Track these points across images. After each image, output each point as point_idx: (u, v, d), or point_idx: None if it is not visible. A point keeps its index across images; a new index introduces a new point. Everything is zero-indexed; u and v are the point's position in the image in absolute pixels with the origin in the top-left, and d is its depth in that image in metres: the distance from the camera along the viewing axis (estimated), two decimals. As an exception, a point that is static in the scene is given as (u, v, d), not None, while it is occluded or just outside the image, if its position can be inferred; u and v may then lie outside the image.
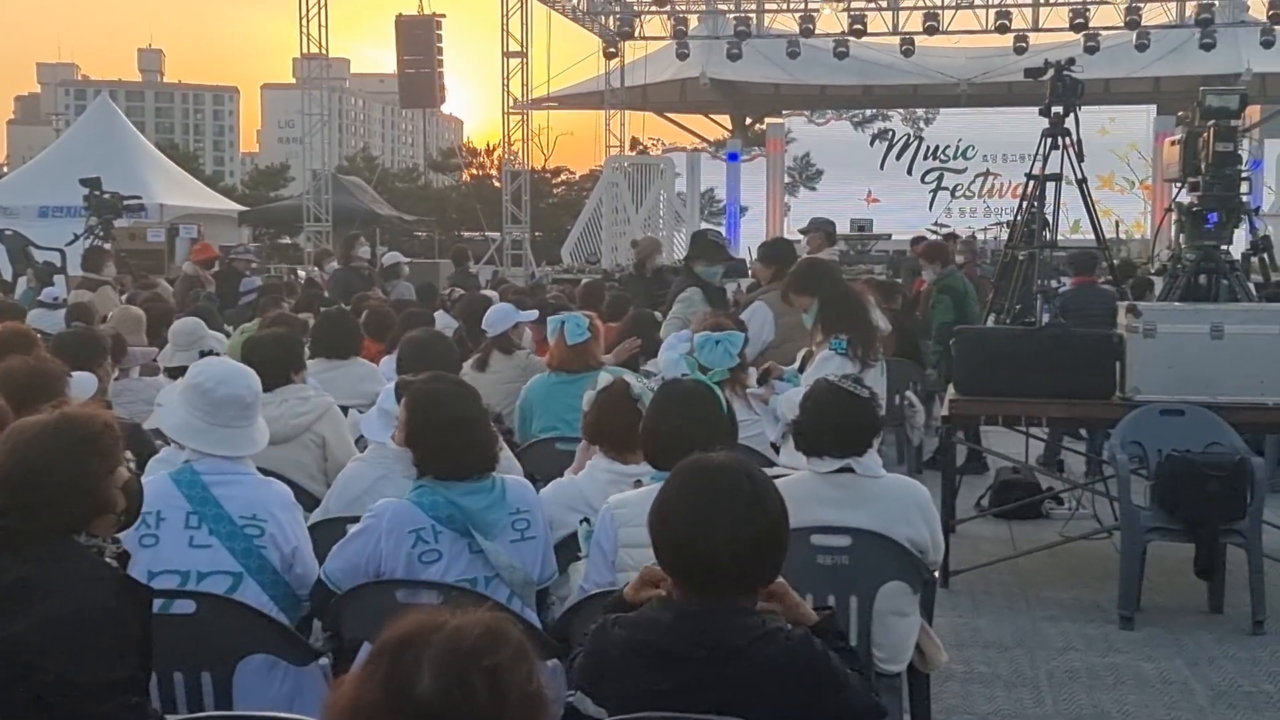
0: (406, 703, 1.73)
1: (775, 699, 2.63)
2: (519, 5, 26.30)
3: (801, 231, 11.35)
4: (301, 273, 20.36)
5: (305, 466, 5.55)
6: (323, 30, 26.43)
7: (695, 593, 2.71)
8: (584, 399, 4.62)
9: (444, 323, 11.03)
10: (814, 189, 33.75)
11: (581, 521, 4.06)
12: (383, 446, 4.60)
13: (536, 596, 4.03)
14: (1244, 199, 7.89)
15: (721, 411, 4.08)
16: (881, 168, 33.39)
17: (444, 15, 26.89)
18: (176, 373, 6.04)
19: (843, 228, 26.98)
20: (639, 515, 2.93)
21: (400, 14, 27.17)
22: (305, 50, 26.87)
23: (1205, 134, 7.75)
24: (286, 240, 38.48)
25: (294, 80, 32.17)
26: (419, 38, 26.73)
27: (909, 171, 33.45)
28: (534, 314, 7.84)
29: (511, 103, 27.24)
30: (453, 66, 31.09)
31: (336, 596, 3.77)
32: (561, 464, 4.94)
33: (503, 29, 26.61)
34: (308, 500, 5.06)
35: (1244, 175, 7.83)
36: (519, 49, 26.79)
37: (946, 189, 33.28)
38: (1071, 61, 8.88)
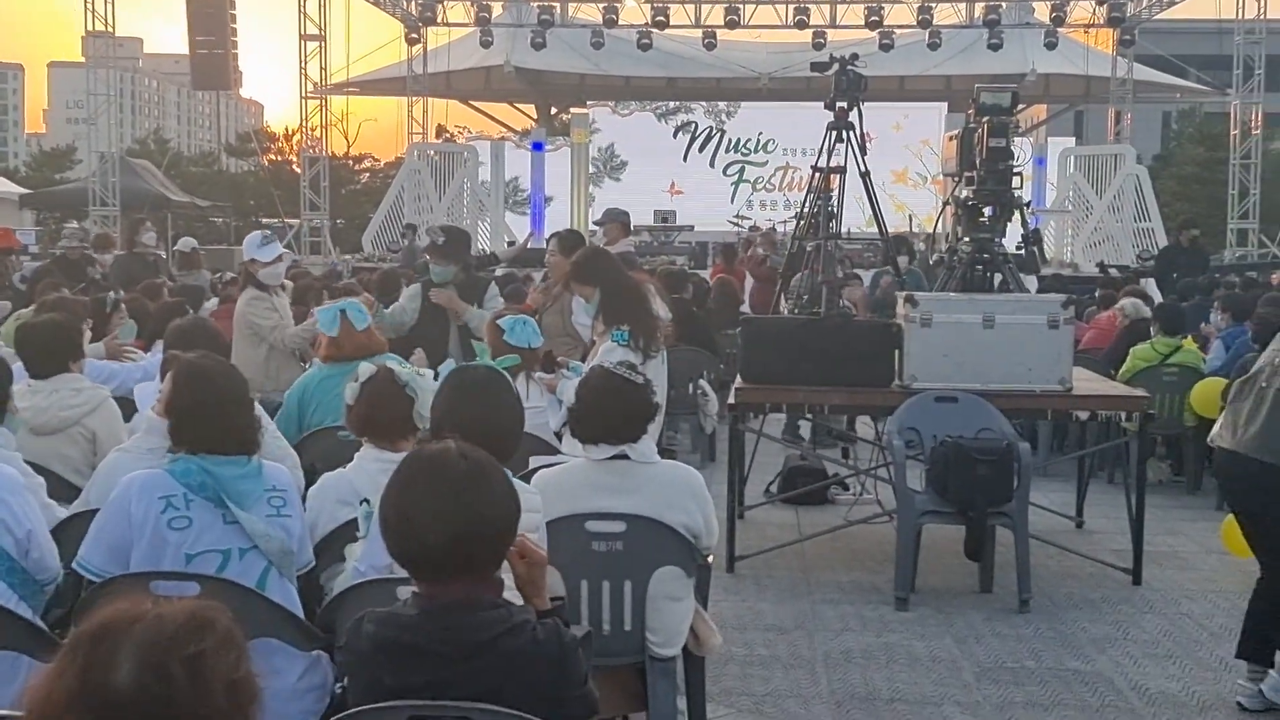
0: (102, 694, 1.67)
1: (522, 691, 2.62)
2: (317, -13, 25.84)
3: (597, 223, 11.36)
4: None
5: (70, 460, 5.36)
6: (110, 6, 25.51)
7: (422, 581, 2.70)
8: (346, 391, 4.54)
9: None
10: (618, 180, 33.89)
11: (362, 502, 3.99)
12: (147, 438, 4.47)
13: (310, 589, 3.96)
14: (1016, 193, 8.17)
15: (513, 397, 4.06)
16: (685, 159, 33.74)
17: (237, -6, 26.19)
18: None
19: (646, 219, 27.27)
20: None
21: (190, -9, 26.36)
22: (90, 27, 25.90)
23: (980, 130, 8.00)
24: (74, 224, 37.02)
25: (83, 59, 30.93)
26: (211, 17, 25.94)
27: (711, 164, 33.87)
28: (277, 250, 7.87)
29: (310, 87, 26.73)
30: (251, 49, 30.32)
31: (89, 588, 3.64)
32: (343, 454, 4.85)
33: (300, 11, 26.10)
34: (71, 494, 4.88)
35: (1016, 170, 8.10)
36: (317, 32, 26.33)
37: (748, 182, 33.80)
38: (855, 57, 9.07)
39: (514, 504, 2.79)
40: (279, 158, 46.80)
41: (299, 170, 29.35)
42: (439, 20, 28.80)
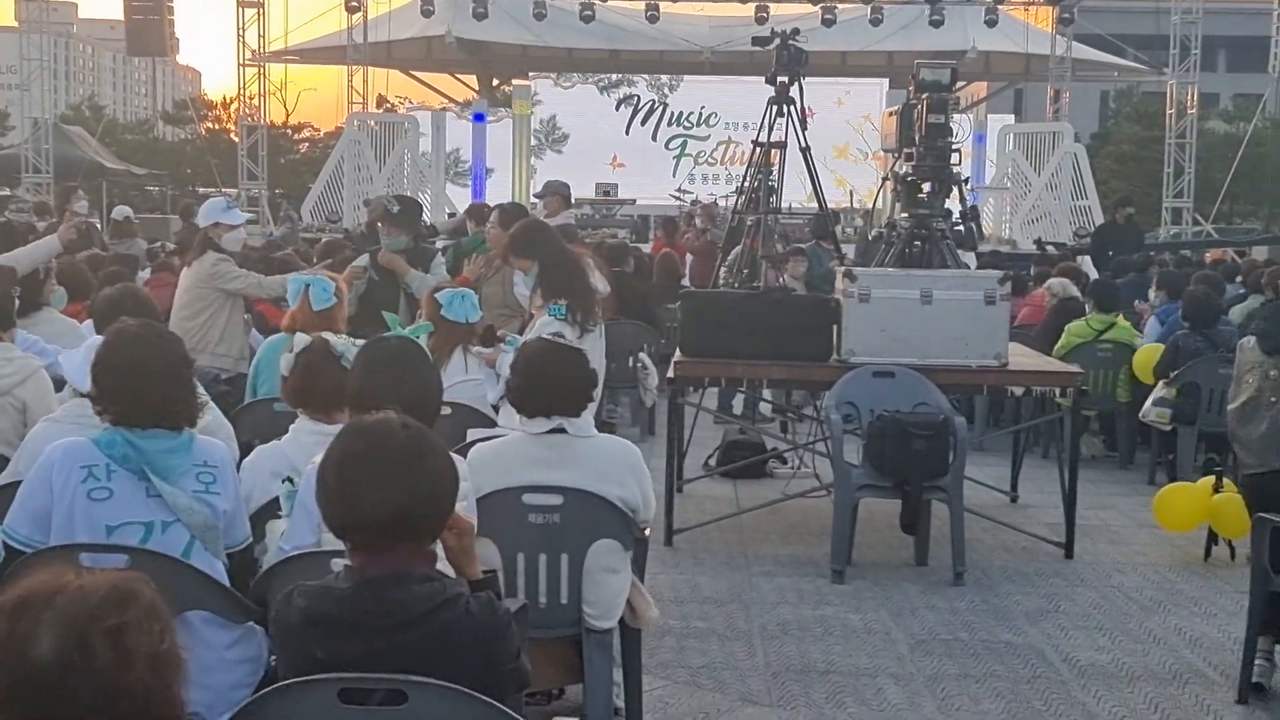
0: (22, 667, 1.65)
1: (455, 665, 2.61)
2: (256, -47, 25.49)
3: (537, 195, 11.32)
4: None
5: (1, 431, 5.27)
6: (43, -30, 25.05)
7: (359, 552, 2.68)
8: (282, 362, 4.50)
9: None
10: (560, 152, 33.76)
11: (284, 480, 3.96)
12: (76, 406, 4.41)
13: (244, 562, 3.92)
14: (955, 170, 8.20)
15: (429, 368, 4.04)
16: (627, 133, 33.64)
17: (174, -40, 25.77)
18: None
19: (588, 192, 27.20)
20: None
21: (127, -43, 25.92)
22: (24, -9, 25.46)
23: (920, 106, 8.03)
24: (6, 192, 36.43)
25: (16, 23, 30.37)
26: (146, -18, 25.56)
27: (654, 137, 33.79)
28: (241, 216, 8.14)
29: (248, 55, 26.40)
30: (189, 15, 29.86)
31: (17, 560, 3.58)
32: (280, 426, 4.81)
33: (238, -23, 25.79)
34: (0, 466, 4.81)
35: (955, 147, 8.13)
36: (256, -1, 25.99)
37: (690, 156, 33.77)
38: (796, 32, 9.08)
39: (453, 475, 2.79)
40: (216, 126, 46.20)
41: (237, 139, 28.98)
42: (379, -12, 28.54)
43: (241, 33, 26.14)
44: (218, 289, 7.76)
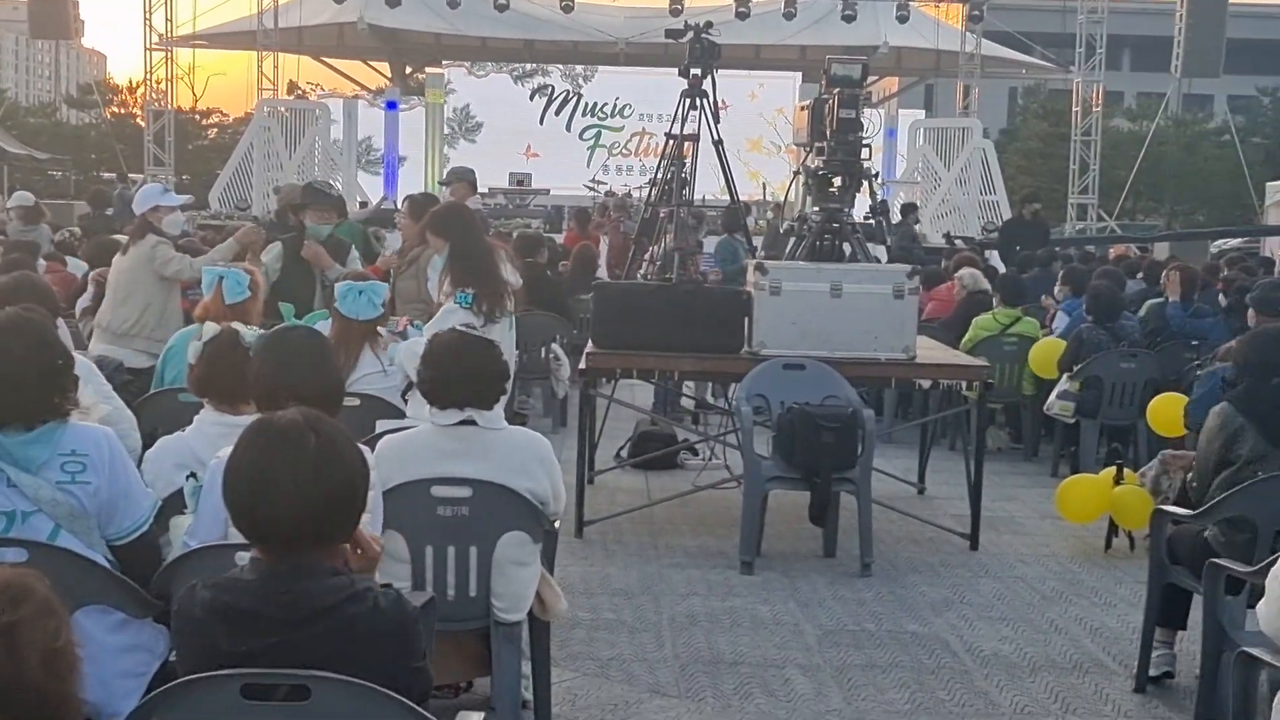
0: (-89, 668, 1.61)
1: (361, 660, 2.59)
2: (163, -65, 25.07)
3: (443, 182, 11.26)
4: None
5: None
6: (-58, -51, 24.44)
7: (269, 554, 2.66)
8: (189, 350, 4.44)
9: (75, 266, 10.45)
10: (474, 142, 33.57)
11: (188, 476, 3.90)
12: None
13: (144, 556, 3.85)
14: (865, 164, 8.29)
15: (330, 359, 4.01)
16: (541, 123, 33.52)
17: (79, -59, 25.24)
18: None
19: (501, 181, 27.09)
20: None
21: (30, -63, 25.37)
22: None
23: (831, 101, 8.10)
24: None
25: (-89, 2, 29.74)
26: (51, -38, 25.00)
27: (568, 128, 33.72)
28: (179, 199, 8.29)
29: (155, 38, 25.96)
30: (91, -2, 29.21)
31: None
32: (185, 416, 4.73)
33: (145, -40, 25.35)
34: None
35: (866, 142, 8.22)
36: (163, -18, 25.57)
37: (604, 146, 33.74)
38: (709, 25, 9.11)
39: (364, 475, 2.76)
40: (122, 111, 45.33)
41: (143, 124, 28.46)
42: (291, -26, 28.16)
43: (148, 16, 25.71)
44: (156, 273, 7.70)
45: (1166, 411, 7.68)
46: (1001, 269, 14.17)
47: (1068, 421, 9.43)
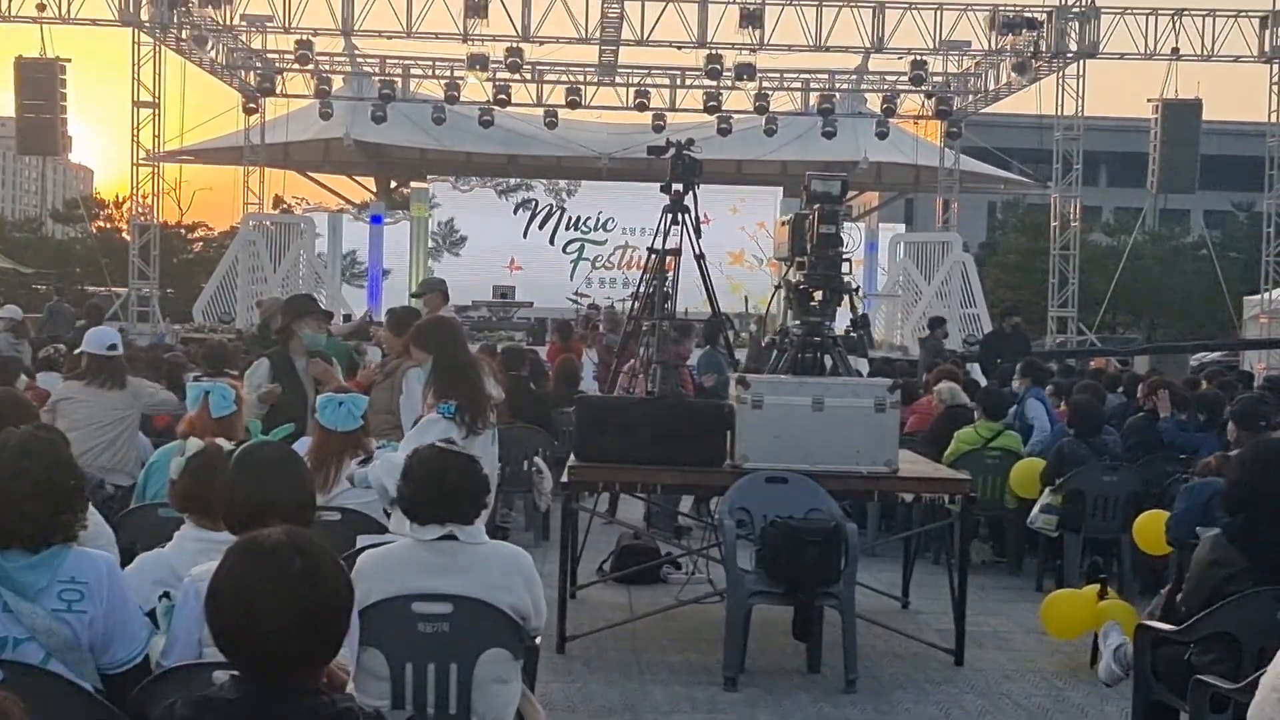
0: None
1: None
2: (151, 54, 25.36)
3: (414, 294, 11.34)
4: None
5: None
6: (-68, 67, 24.72)
7: (250, 675, 2.62)
8: (172, 465, 4.43)
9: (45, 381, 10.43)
10: (457, 255, 33.85)
11: (161, 597, 3.87)
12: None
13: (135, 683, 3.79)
14: (846, 278, 8.36)
15: (303, 471, 4.01)
16: (524, 236, 33.86)
17: (69, 60, 25.39)
18: None
19: (485, 294, 27.25)
20: None
21: (20, 56, 25.58)
22: (-92, 87, 25.07)
23: (811, 216, 8.20)
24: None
25: (-99, 118, 30.00)
26: (40, 82, 25.16)
27: (551, 241, 34.05)
28: (112, 336, 8.48)
29: (142, 154, 26.19)
30: (83, 113, 29.47)
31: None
32: (165, 532, 4.71)
33: (133, 78, 25.62)
34: None
35: (846, 256, 8.31)
36: (151, 99, 25.83)
37: (588, 259, 34.04)
38: (691, 142, 9.26)
39: (349, 594, 2.74)
40: (108, 225, 45.61)
41: (129, 238, 28.63)
42: (278, 91, 28.49)
43: (135, 133, 25.96)
44: (145, 406, 8.00)
45: (1152, 529, 7.67)
46: (983, 382, 14.22)
47: (1051, 535, 9.41)
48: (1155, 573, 9.17)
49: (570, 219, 33.98)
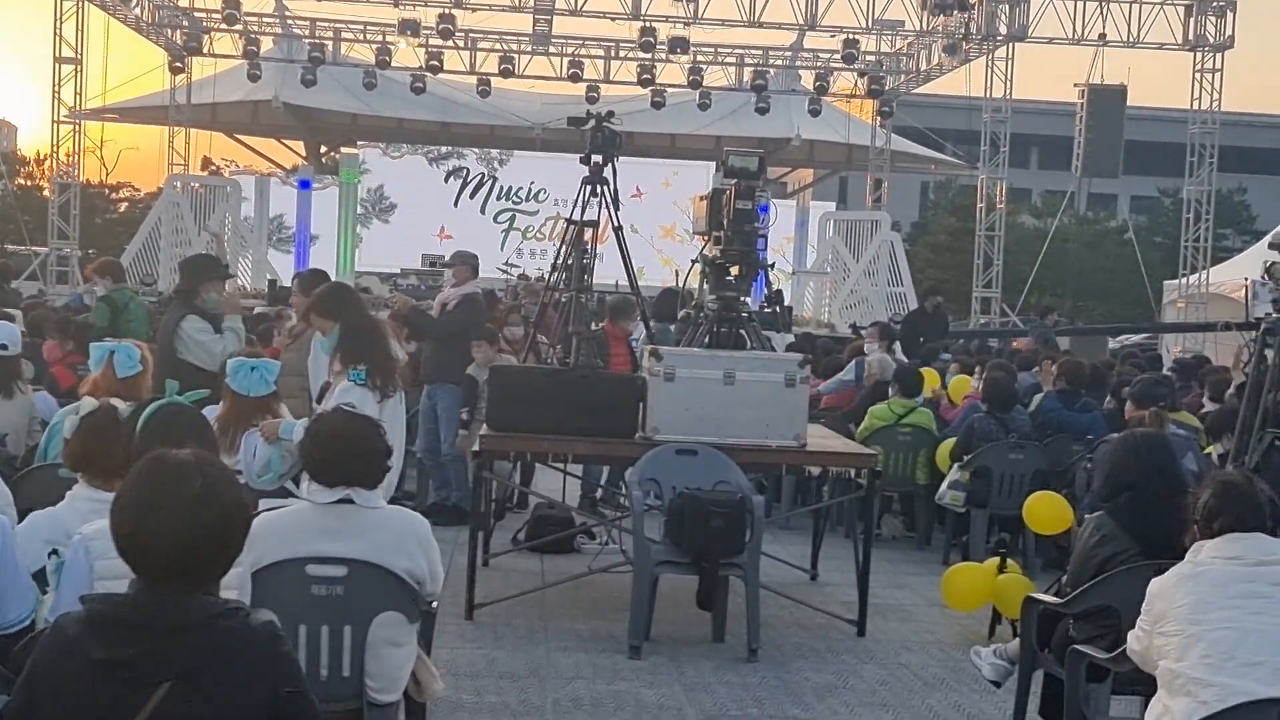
0: None
1: (236, 671, 2.67)
2: (74, 10, 24.91)
3: (445, 264, 11.29)
4: None
5: None
6: None
7: (146, 583, 2.72)
8: (65, 425, 4.42)
9: None
10: (387, 222, 33.61)
11: (50, 554, 3.86)
12: None
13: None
14: (760, 254, 8.42)
15: (208, 434, 4.01)
16: (455, 205, 33.63)
17: (-8, 13, 25.06)
18: None
19: (414, 263, 27.08)
20: None
21: (-60, 10, 25.14)
22: None
23: (728, 192, 8.24)
24: None
25: None
26: (-39, 36, 24.78)
27: (482, 210, 33.86)
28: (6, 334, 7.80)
29: (63, 111, 25.76)
30: (3, 67, 28.88)
31: None
32: (62, 492, 4.69)
33: (55, 33, 25.18)
34: None
35: (761, 233, 8.36)
36: (73, 55, 25.38)
37: (518, 230, 33.90)
38: (611, 114, 9.26)
39: (244, 519, 2.83)
40: (29, 183, 44.80)
41: (50, 196, 28.15)
42: (205, 50, 28.11)
43: (57, 89, 25.50)
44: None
45: (1043, 510, 7.82)
46: (904, 360, 14.38)
47: (959, 511, 9.57)
48: (1060, 549, 9.37)
49: (502, 189, 33.81)
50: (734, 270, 8.41)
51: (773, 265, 8.71)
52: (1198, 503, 4.14)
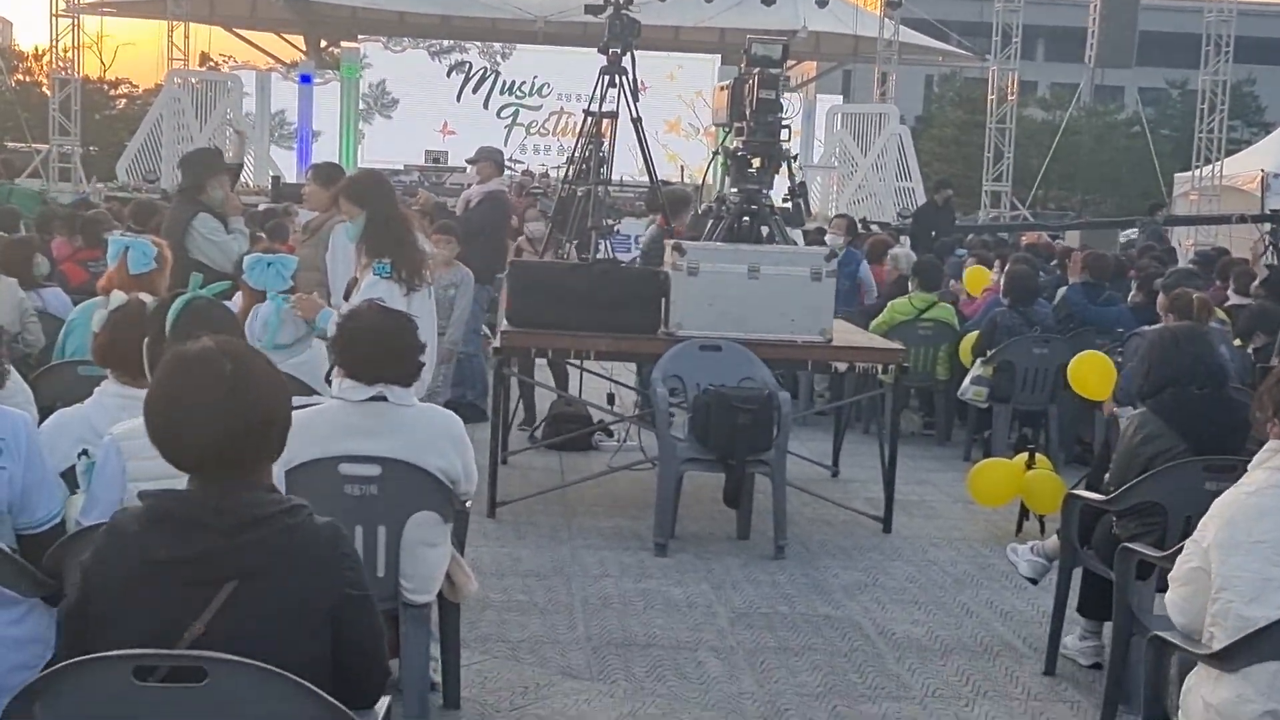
0: None
1: (300, 571, 2.60)
2: (72, -101, 24.43)
3: (470, 160, 11.11)
4: None
5: None
6: None
7: (199, 480, 2.63)
8: (94, 319, 4.30)
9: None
10: (389, 117, 33.16)
11: (80, 454, 3.76)
12: None
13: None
14: (785, 146, 8.22)
15: (235, 329, 3.90)
16: (458, 100, 33.16)
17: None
18: None
19: (417, 158, 26.79)
20: (150, 446, 2.75)
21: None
22: None
23: (750, 81, 8.02)
24: None
25: None
26: (-45, -75, 24.27)
27: (485, 105, 33.39)
28: None
29: (62, 5, 25.31)
30: (-1, -39, 28.39)
31: None
32: (85, 390, 4.58)
33: (53, -75, 24.72)
34: None
35: (785, 124, 8.15)
36: (71, -53, 24.95)
37: (522, 125, 33.45)
38: (630, 1, 9.00)
39: (284, 395, 2.73)
40: (28, 78, 44.21)
41: (49, 93, 27.76)
42: (203, -58, 27.59)
43: (55, -18, 25.09)
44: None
45: (1088, 370, 7.70)
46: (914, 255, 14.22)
47: (981, 406, 9.48)
48: (1083, 444, 9.31)
49: (505, 83, 33.30)
50: (756, 162, 8.22)
51: (795, 157, 8.50)
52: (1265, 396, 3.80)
